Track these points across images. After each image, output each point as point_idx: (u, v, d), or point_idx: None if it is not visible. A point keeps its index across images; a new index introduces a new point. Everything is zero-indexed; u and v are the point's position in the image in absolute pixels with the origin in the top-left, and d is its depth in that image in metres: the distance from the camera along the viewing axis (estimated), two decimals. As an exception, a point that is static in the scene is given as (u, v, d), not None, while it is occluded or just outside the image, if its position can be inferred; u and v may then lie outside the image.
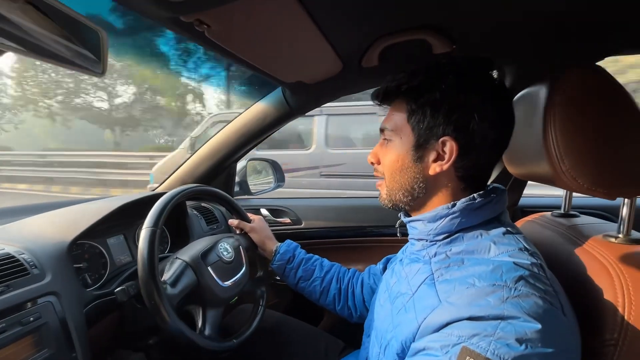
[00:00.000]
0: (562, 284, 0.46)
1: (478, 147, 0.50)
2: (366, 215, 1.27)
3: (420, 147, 0.52)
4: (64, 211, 0.80)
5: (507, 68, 0.88)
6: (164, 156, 4.53)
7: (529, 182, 0.79)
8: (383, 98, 0.57)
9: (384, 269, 0.83)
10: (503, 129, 0.52)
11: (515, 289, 0.40)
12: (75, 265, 0.71)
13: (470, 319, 0.39)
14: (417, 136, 0.52)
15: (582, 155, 0.47)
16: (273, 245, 0.91)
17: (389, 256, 0.85)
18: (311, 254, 0.91)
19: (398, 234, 0.71)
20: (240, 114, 1.10)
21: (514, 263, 0.43)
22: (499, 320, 0.38)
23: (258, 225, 0.94)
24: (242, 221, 0.94)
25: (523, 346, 0.36)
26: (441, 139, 0.50)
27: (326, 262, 0.90)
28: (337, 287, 0.86)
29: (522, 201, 1.08)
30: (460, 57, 0.53)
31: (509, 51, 0.81)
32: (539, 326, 0.37)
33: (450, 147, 0.50)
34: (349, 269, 0.90)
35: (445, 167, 0.51)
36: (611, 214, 1.05)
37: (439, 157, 0.51)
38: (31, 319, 0.56)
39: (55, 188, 6.70)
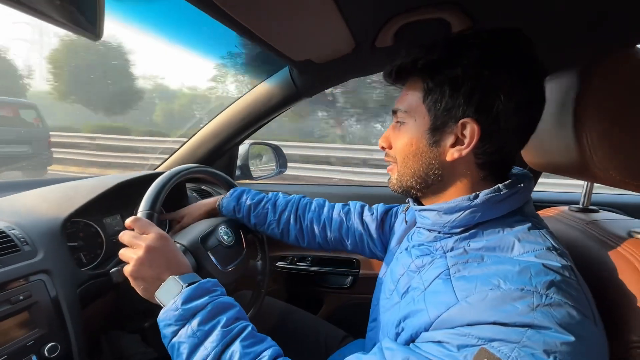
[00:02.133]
0: (586, 281, 0.43)
1: (502, 131, 0.45)
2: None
3: (437, 130, 0.47)
4: (58, 187, 0.77)
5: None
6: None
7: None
8: (397, 76, 0.52)
9: (382, 222, 0.78)
10: (532, 111, 0.46)
11: (546, 296, 0.36)
12: (69, 244, 0.68)
13: (494, 323, 0.36)
14: (434, 118, 0.47)
15: (617, 145, 0.44)
16: (214, 202, 0.86)
17: (386, 207, 0.80)
18: (262, 194, 0.85)
19: (405, 221, 0.68)
20: (245, 93, 1.05)
21: (543, 265, 0.39)
22: (527, 328, 0.35)
23: (184, 211, 0.89)
24: (170, 214, 0.90)
25: (550, 358, 0.33)
26: (461, 121, 0.45)
27: (281, 199, 0.85)
28: (297, 227, 0.82)
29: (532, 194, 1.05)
30: (486, 29, 0.47)
31: (536, 33, 0.76)
32: (572, 339, 0.34)
33: (470, 130, 0.45)
34: (311, 203, 0.85)
35: (464, 152, 0.46)
36: (624, 211, 1.02)
37: (457, 142, 0.47)
38: (21, 297, 0.53)
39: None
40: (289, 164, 1.44)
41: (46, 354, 0.54)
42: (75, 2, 0.40)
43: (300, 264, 1.24)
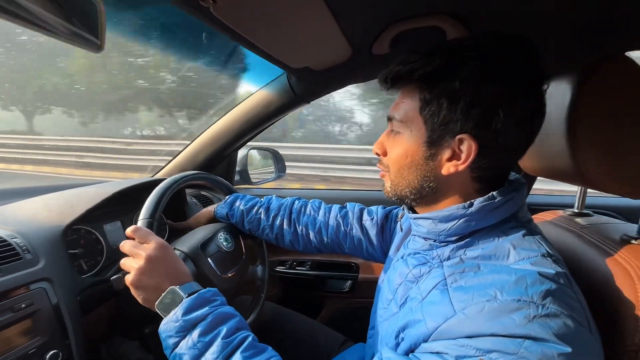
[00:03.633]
0: (580, 286, 0.44)
1: (501, 147, 0.44)
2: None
3: (434, 144, 0.46)
4: (59, 195, 0.77)
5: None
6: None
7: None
8: (392, 83, 0.50)
9: (382, 228, 0.78)
10: (532, 126, 0.45)
11: (543, 307, 0.36)
12: (70, 251, 0.69)
13: (492, 335, 0.37)
14: (430, 131, 0.46)
15: (609, 152, 0.45)
16: (212, 209, 0.87)
17: (385, 210, 0.79)
18: (256, 199, 0.85)
19: (401, 228, 0.68)
20: (243, 100, 1.06)
21: (539, 274, 0.39)
22: (524, 339, 0.35)
23: (190, 220, 0.90)
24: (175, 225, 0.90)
25: None
26: (458, 137, 0.44)
27: (274, 203, 0.84)
28: (292, 231, 0.82)
29: (527, 198, 1.06)
30: (488, 37, 0.44)
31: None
32: (569, 350, 0.34)
33: (468, 146, 0.43)
34: (306, 206, 0.84)
35: (460, 168, 0.45)
36: (618, 214, 1.03)
37: (454, 156, 0.45)
38: (23, 305, 0.54)
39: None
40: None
41: None
42: (78, 15, 0.41)
43: (299, 268, 1.24)
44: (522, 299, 0.37)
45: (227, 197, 0.87)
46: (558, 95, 0.51)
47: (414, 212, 0.55)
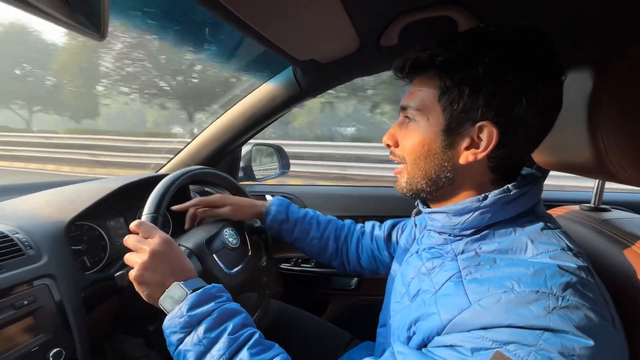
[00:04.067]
0: (603, 283, 0.42)
1: (520, 136, 0.44)
2: (375, 204, 1.23)
3: (452, 132, 0.46)
4: (61, 190, 0.76)
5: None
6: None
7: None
8: (410, 70, 0.49)
9: (389, 235, 0.80)
10: (551, 116, 0.45)
11: (563, 299, 0.35)
12: (73, 247, 0.68)
13: (509, 326, 0.35)
14: (449, 119, 0.45)
15: (632, 142, 0.43)
16: (261, 206, 0.84)
17: (393, 221, 0.81)
18: (305, 210, 0.86)
19: (415, 224, 0.67)
20: (248, 94, 1.04)
21: (559, 267, 0.38)
22: (543, 331, 0.34)
23: (228, 201, 0.81)
24: (210, 209, 0.81)
25: None
26: (478, 124, 0.43)
27: (322, 217, 0.86)
28: (335, 245, 0.83)
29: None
30: (510, 26, 0.44)
31: (546, 30, 0.75)
32: (592, 343, 0.33)
33: (488, 134, 0.43)
34: (344, 222, 0.87)
35: (479, 156, 0.44)
36: (634, 211, 1.01)
37: (472, 145, 0.45)
38: (25, 302, 0.52)
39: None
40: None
41: (51, 359, 0.53)
42: (80, 2, 0.40)
43: (304, 265, 1.23)
44: (540, 290, 0.36)
45: (276, 199, 0.85)
46: (576, 86, 0.49)
47: (427, 207, 0.54)
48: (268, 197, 1.28)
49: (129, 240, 0.56)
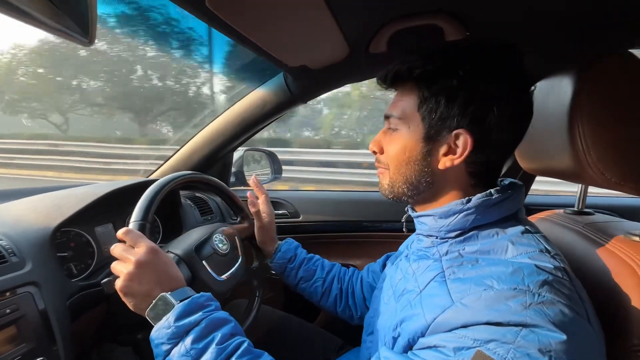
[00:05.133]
0: (583, 284, 0.43)
1: (493, 142, 0.46)
2: (366, 209, 1.23)
3: (431, 139, 0.48)
4: (47, 196, 0.75)
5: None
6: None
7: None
8: (392, 82, 0.52)
9: (384, 266, 0.80)
10: (522, 123, 0.48)
11: (539, 295, 0.37)
12: (59, 254, 0.66)
13: (488, 323, 0.36)
14: (428, 127, 0.48)
15: (612, 147, 0.44)
16: (274, 244, 0.86)
17: (388, 254, 0.82)
18: (312, 254, 0.87)
19: (404, 229, 0.68)
20: (239, 100, 1.05)
21: (536, 266, 0.40)
22: (521, 327, 0.35)
23: (268, 221, 0.86)
24: (261, 212, 0.85)
25: (545, 358, 0.33)
26: (454, 132, 0.46)
27: (326, 262, 0.87)
28: (339, 287, 0.82)
29: (526, 199, 1.06)
30: (481, 41, 0.48)
31: (527, 39, 0.77)
32: (564, 337, 0.34)
33: (464, 141, 0.46)
34: (348, 268, 0.87)
35: (456, 162, 0.47)
36: (618, 214, 1.03)
37: (450, 151, 0.47)
38: (7, 310, 0.51)
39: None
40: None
41: None
42: (67, 7, 0.40)
43: (296, 271, 1.22)
44: (518, 287, 0.38)
45: (288, 240, 0.87)
46: (557, 92, 0.51)
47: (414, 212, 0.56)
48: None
49: (115, 249, 0.55)
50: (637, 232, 0.49)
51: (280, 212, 1.26)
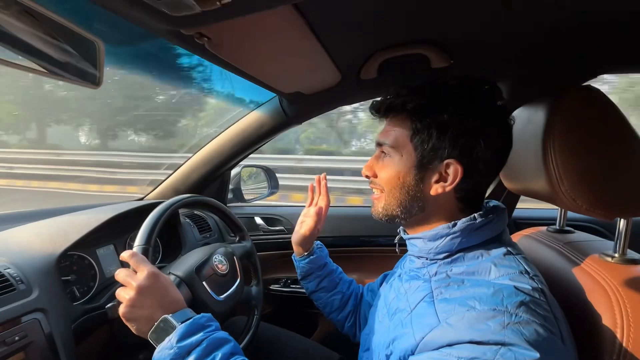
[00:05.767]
0: (560, 302, 0.46)
1: (481, 171, 0.50)
2: (362, 224, 1.26)
3: (423, 167, 0.52)
4: (51, 222, 0.77)
5: (501, 85, 0.89)
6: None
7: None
8: (385, 112, 0.57)
9: (381, 284, 0.81)
10: (504, 153, 0.53)
11: (515, 315, 0.40)
12: (63, 278, 0.68)
13: (471, 342, 0.40)
14: (420, 156, 0.52)
15: (581, 176, 0.48)
16: (309, 247, 0.83)
17: (385, 273, 0.84)
18: (336, 265, 0.87)
19: (397, 250, 0.70)
20: (236, 121, 1.08)
21: (515, 287, 0.43)
22: (500, 346, 0.38)
23: (318, 230, 0.82)
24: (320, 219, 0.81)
25: None
26: (445, 162, 0.50)
27: (345, 276, 0.87)
28: (354, 303, 0.83)
29: (515, 213, 1.09)
30: (466, 79, 0.52)
31: (505, 68, 0.82)
32: (537, 355, 0.37)
33: (454, 170, 0.50)
34: (358, 284, 0.87)
35: (447, 189, 0.51)
36: (605, 229, 1.07)
37: (441, 178, 0.51)
38: (16, 338, 0.53)
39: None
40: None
41: None
42: (79, 58, 0.43)
43: (293, 286, 1.24)
44: (497, 308, 0.41)
45: (319, 246, 0.85)
46: (534, 121, 0.54)
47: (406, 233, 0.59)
48: (257, 219, 1.30)
49: (119, 275, 0.57)
50: (609, 253, 0.52)
51: (277, 228, 1.29)
